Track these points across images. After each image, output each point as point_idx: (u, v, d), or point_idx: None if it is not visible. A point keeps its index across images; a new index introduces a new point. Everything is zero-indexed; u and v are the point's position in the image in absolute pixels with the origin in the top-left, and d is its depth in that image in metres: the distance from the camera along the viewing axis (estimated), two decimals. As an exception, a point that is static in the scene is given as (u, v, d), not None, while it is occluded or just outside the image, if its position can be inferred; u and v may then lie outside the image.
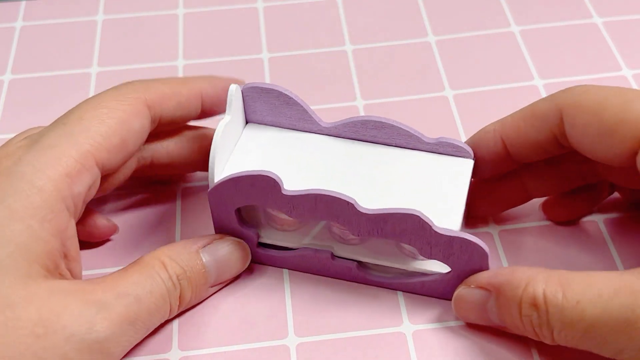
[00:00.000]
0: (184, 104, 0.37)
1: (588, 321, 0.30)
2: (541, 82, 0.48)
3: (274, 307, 0.37)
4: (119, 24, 0.53)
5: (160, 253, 0.35)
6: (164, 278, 0.34)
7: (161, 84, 0.37)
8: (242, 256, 0.37)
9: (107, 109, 0.35)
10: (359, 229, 0.34)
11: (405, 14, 0.53)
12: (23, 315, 0.29)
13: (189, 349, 0.36)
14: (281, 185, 0.34)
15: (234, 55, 0.50)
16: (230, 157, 0.37)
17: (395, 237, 0.34)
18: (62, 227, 0.32)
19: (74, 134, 0.33)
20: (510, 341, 0.35)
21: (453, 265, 0.34)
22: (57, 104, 0.47)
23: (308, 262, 0.37)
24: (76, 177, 0.33)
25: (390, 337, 0.36)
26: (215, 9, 0.54)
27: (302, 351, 0.35)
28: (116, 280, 0.33)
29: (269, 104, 0.37)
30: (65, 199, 0.32)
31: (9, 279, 0.30)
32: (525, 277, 0.32)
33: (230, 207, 0.36)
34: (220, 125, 0.35)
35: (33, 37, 0.52)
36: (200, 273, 0.35)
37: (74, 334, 0.30)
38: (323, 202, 0.33)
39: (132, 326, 0.32)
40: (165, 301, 0.34)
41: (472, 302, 0.34)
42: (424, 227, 0.33)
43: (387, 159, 0.37)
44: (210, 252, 0.36)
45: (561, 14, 0.53)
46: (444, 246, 0.34)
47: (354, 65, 0.49)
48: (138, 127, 0.35)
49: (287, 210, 0.34)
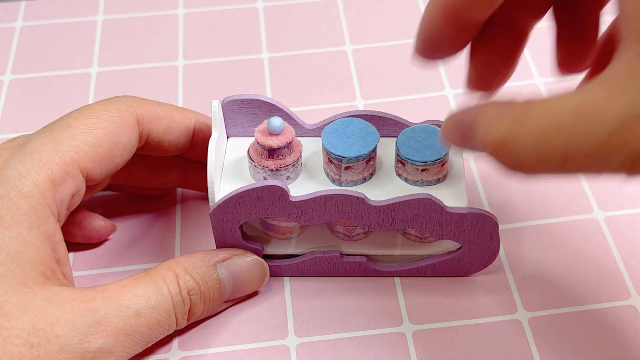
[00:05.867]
0: (174, 130, 0.37)
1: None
2: (541, 80, 0.48)
3: (274, 307, 0.37)
4: (119, 24, 0.53)
5: (175, 264, 0.34)
6: (173, 292, 0.33)
7: (155, 104, 0.37)
8: (260, 274, 0.36)
9: (96, 119, 0.34)
10: (369, 223, 0.34)
11: (405, 14, 0.53)
12: (17, 325, 0.29)
13: (189, 349, 0.36)
14: (289, 192, 0.33)
15: (234, 55, 0.50)
16: (222, 174, 0.36)
17: (405, 224, 0.34)
18: (50, 233, 0.32)
19: (59, 140, 0.33)
20: (510, 341, 0.35)
21: (463, 241, 0.35)
22: (57, 104, 0.47)
23: (318, 265, 0.37)
24: (60, 184, 0.32)
25: (390, 337, 0.36)
26: (215, 9, 0.54)
27: (302, 351, 0.35)
28: (120, 290, 0.32)
29: (251, 114, 0.37)
30: (50, 205, 0.32)
31: (3, 287, 0.30)
32: (490, 118, 0.25)
33: (234, 224, 0.35)
34: (211, 142, 0.34)
35: (33, 37, 0.52)
36: (215, 288, 0.35)
37: (67, 344, 0.30)
38: (333, 202, 0.33)
39: (129, 338, 0.32)
40: (169, 316, 0.33)
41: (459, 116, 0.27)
42: (436, 208, 0.33)
43: (378, 150, 0.37)
44: (228, 268, 0.35)
45: (561, 14, 0.52)
46: (455, 224, 0.34)
47: (354, 65, 0.49)
48: (126, 140, 0.35)
49: (295, 217, 0.34)
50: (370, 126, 0.35)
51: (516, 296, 0.37)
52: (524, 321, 0.36)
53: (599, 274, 0.38)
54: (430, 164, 0.34)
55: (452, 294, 0.37)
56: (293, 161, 0.35)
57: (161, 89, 0.48)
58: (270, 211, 0.34)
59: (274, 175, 0.35)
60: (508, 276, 0.38)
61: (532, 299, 0.37)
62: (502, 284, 0.38)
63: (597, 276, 0.38)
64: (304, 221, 0.34)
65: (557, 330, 0.36)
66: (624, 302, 0.37)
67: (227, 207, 0.34)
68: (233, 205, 0.34)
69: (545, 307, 0.37)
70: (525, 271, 0.38)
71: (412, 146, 0.35)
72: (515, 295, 0.37)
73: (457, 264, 0.37)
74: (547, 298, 0.37)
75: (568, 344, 0.35)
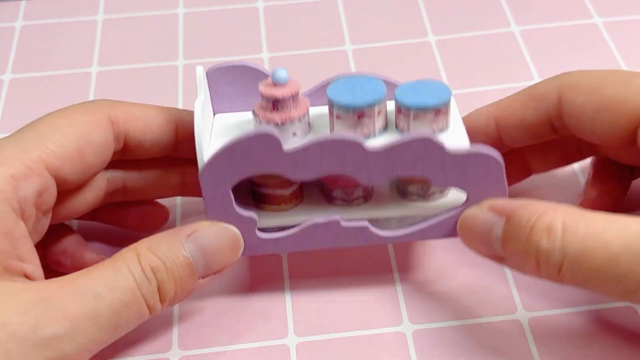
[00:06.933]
0: (153, 128, 0.36)
1: (613, 250, 0.29)
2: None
3: (274, 307, 0.37)
4: (119, 24, 0.53)
5: (138, 244, 0.33)
6: (134, 271, 0.31)
7: (131, 104, 0.36)
8: (232, 243, 0.34)
9: (65, 119, 0.34)
10: (368, 174, 0.33)
11: (405, 14, 0.53)
12: None
13: (189, 349, 0.36)
14: (282, 142, 0.32)
15: (234, 55, 0.50)
16: (211, 139, 0.35)
17: (407, 171, 0.33)
18: (9, 229, 0.31)
19: (24, 140, 0.33)
20: (510, 341, 0.35)
21: (469, 187, 0.33)
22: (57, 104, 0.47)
23: (317, 235, 0.35)
24: (23, 179, 0.32)
25: (390, 337, 0.36)
26: (215, 8, 0.54)
27: (302, 351, 0.35)
28: (77, 276, 0.31)
29: (238, 85, 0.35)
30: (10, 200, 0.31)
31: None
32: (544, 206, 0.31)
33: (225, 186, 0.33)
34: (197, 103, 0.33)
35: (33, 37, 0.52)
36: (183, 264, 0.32)
37: (16, 331, 0.29)
38: (329, 149, 0.32)
39: (91, 323, 0.30)
40: (135, 296, 0.31)
41: (479, 222, 0.33)
42: (437, 148, 0.32)
43: None
44: (196, 241, 0.33)
45: (561, 14, 0.53)
46: (458, 167, 0.32)
47: (354, 65, 0.49)
48: (98, 139, 0.34)
49: (291, 171, 0.33)
50: (378, 80, 0.35)
51: (516, 296, 0.37)
52: (524, 321, 0.36)
53: (599, 274, 0.38)
54: (432, 107, 0.34)
55: (453, 294, 0.37)
56: (300, 115, 0.34)
57: (161, 89, 0.48)
58: (264, 165, 0.32)
59: (279, 130, 0.33)
60: (508, 276, 0.38)
61: (531, 300, 0.37)
62: (502, 283, 0.38)
63: (597, 276, 0.38)
64: (300, 176, 0.33)
65: (557, 330, 0.36)
66: (624, 303, 0.37)
67: (217, 164, 0.32)
68: (224, 161, 0.32)
69: (545, 307, 0.37)
70: (525, 271, 0.38)
71: (411, 94, 0.34)
72: (515, 295, 0.37)
73: None
74: (546, 298, 0.37)
75: (568, 344, 0.35)
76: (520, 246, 0.31)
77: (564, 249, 0.30)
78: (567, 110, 0.34)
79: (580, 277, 0.30)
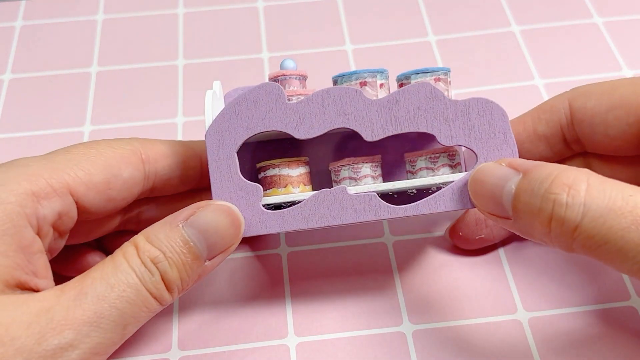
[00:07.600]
0: (181, 164, 0.36)
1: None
2: (541, 81, 0.48)
3: (274, 307, 0.37)
4: (119, 24, 0.53)
5: (137, 236, 0.32)
6: (134, 265, 0.31)
7: (159, 142, 0.36)
8: (231, 219, 0.33)
9: (97, 151, 0.34)
10: (372, 127, 0.33)
11: (405, 14, 0.53)
12: None
13: (189, 349, 0.36)
14: (285, 95, 0.33)
15: (234, 55, 0.50)
16: None
17: (410, 124, 0.33)
18: (26, 243, 0.31)
19: (54, 161, 0.33)
20: (510, 341, 0.35)
21: (477, 145, 0.33)
22: (57, 104, 0.47)
23: (324, 208, 0.34)
24: (44, 198, 0.32)
25: (390, 337, 0.36)
26: (215, 8, 0.54)
27: (302, 351, 0.35)
28: (78, 280, 0.31)
29: None
30: (29, 216, 0.31)
31: None
32: (567, 166, 0.29)
33: (231, 148, 0.33)
34: (209, 93, 0.34)
35: (33, 37, 0.52)
36: (185, 250, 0.31)
37: (23, 346, 0.29)
38: (331, 99, 0.33)
39: (93, 327, 0.30)
40: (139, 291, 0.31)
41: (493, 175, 0.31)
42: (437, 96, 0.33)
43: None
44: (193, 224, 0.32)
45: (561, 14, 0.53)
46: (462, 118, 0.33)
47: (354, 65, 0.49)
48: (127, 176, 0.34)
49: (294, 126, 0.33)
50: None
51: (516, 296, 0.37)
52: (524, 321, 0.36)
53: (599, 274, 0.38)
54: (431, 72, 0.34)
55: (453, 294, 0.37)
56: (306, 94, 0.34)
57: (161, 89, 0.48)
58: (269, 120, 0.33)
59: None
60: (508, 276, 0.38)
61: (532, 299, 0.37)
62: (502, 283, 0.38)
63: (597, 277, 0.38)
64: (304, 132, 0.33)
65: (557, 330, 0.36)
66: (624, 303, 0.37)
67: (223, 121, 0.33)
68: (229, 118, 0.33)
69: (545, 307, 0.37)
70: (525, 271, 0.38)
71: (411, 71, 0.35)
72: (515, 295, 0.37)
73: None
74: (547, 298, 0.37)
75: (568, 344, 0.35)
76: (535, 201, 0.29)
77: (587, 205, 0.28)
78: (578, 116, 0.34)
79: (596, 240, 0.28)
